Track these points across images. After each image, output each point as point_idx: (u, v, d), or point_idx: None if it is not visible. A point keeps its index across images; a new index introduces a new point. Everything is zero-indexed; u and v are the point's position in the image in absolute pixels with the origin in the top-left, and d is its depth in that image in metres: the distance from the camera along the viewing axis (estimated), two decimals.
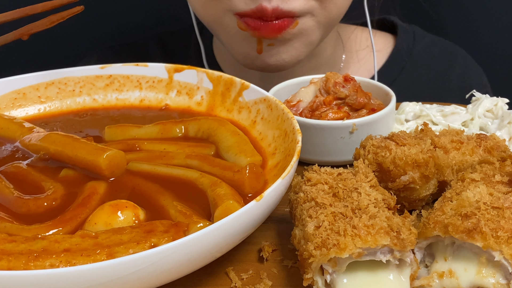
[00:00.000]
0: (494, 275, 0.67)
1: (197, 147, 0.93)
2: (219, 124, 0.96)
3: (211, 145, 0.93)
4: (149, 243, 0.67)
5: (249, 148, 0.91)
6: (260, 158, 0.89)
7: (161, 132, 0.97)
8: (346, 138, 0.97)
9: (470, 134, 0.92)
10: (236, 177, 0.82)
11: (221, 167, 0.85)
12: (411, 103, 1.11)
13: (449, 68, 1.54)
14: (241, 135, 0.94)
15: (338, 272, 0.67)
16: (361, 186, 0.73)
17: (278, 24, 1.17)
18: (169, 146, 0.93)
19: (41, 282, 0.59)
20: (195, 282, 0.74)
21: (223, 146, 0.92)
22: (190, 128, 0.98)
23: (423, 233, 0.71)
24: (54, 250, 0.66)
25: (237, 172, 0.82)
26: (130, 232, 0.69)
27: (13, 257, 0.65)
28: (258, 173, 0.83)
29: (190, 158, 0.88)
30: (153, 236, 0.68)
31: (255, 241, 0.81)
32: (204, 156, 0.89)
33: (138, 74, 1.09)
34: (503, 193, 0.71)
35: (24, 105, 1.04)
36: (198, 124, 0.98)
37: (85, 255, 0.65)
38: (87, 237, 0.68)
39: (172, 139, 0.96)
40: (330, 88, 1.02)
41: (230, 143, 0.92)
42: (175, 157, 0.89)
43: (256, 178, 0.82)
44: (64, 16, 0.96)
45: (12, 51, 1.15)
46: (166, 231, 0.69)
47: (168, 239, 0.68)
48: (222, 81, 1.04)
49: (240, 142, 0.91)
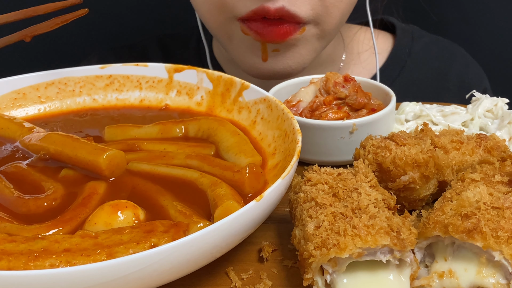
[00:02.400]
0: (494, 275, 0.67)
1: (197, 147, 0.93)
2: (219, 124, 0.96)
3: (211, 145, 0.93)
4: (149, 243, 0.67)
5: (249, 148, 0.91)
6: (260, 158, 0.89)
7: (161, 132, 0.97)
8: (346, 138, 0.97)
9: (470, 134, 0.92)
10: (236, 177, 0.82)
11: (221, 167, 0.85)
12: (411, 103, 1.11)
13: (449, 67, 1.54)
14: (241, 135, 0.94)
15: (338, 272, 0.67)
16: (361, 186, 0.73)
17: (283, 29, 1.15)
18: (169, 146, 0.93)
19: (41, 282, 0.59)
20: (195, 282, 0.74)
21: (223, 146, 0.92)
22: (190, 128, 0.98)
23: (423, 233, 0.71)
24: (54, 250, 0.66)
25: (237, 172, 0.82)
26: (130, 232, 0.69)
27: (13, 257, 0.65)
28: (258, 173, 0.83)
29: (190, 158, 0.88)
30: (153, 236, 0.68)
31: (255, 241, 0.81)
32: (204, 156, 0.89)
33: (138, 74, 1.09)
34: (503, 193, 0.71)
35: (24, 105, 1.04)
36: (198, 124, 0.98)
37: (85, 255, 0.65)
38: (87, 237, 0.68)
39: (172, 139, 0.96)
40: (330, 88, 1.02)
41: (230, 143, 0.92)
42: (175, 157, 0.89)
43: (256, 178, 0.82)
44: (68, 18, 0.96)
45: (13, 51, 1.15)
46: (166, 231, 0.69)
47: (168, 239, 0.68)
48: (222, 81, 1.04)
49: (240, 142, 0.91)
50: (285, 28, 1.15)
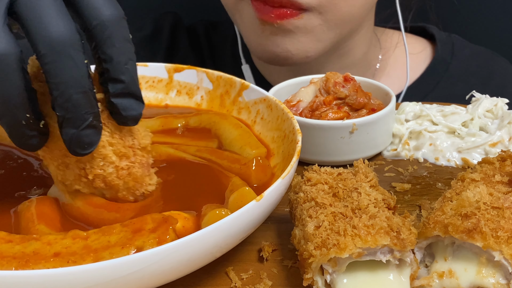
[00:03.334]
0: (494, 275, 0.67)
1: (200, 140, 0.94)
2: (221, 117, 0.97)
3: (214, 139, 0.94)
4: (134, 247, 0.66)
5: (253, 140, 0.92)
6: (265, 149, 0.90)
7: (162, 125, 0.98)
8: (346, 138, 0.97)
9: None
10: (243, 170, 0.83)
11: (229, 160, 0.87)
12: (411, 103, 1.11)
13: (486, 83, 1.48)
14: (244, 127, 0.95)
15: (338, 272, 0.67)
16: (361, 186, 0.73)
17: (279, 11, 1.16)
18: (173, 139, 0.94)
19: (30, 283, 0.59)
20: (195, 282, 0.74)
21: (226, 140, 0.93)
22: (191, 122, 0.99)
23: (423, 233, 0.71)
24: (44, 254, 0.65)
25: (244, 165, 0.84)
26: (118, 232, 0.68)
27: (5, 261, 0.64)
28: (265, 166, 0.84)
29: (200, 151, 0.90)
30: (139, 238, 0.67)
31: (255, 241, 0.81)
32: (213, 150, 0.91)
33: (138, 74, 1.08)
34: (503, 193, 0.71)
35: None
36: (199, 118, 0.99)
37: (72, 261, 0.64)
38: (78, 238, 0.68)
39: (175, 134, 0.97)
40: (330, 88, 1.02)
41: (233, 136, 0.93)
42: (186, 150, 0.90)
43: (263, 171, 0.83)
44: None
45: None
46: (154, 230, 0.68)
47: (153, 241, 0.66)
48: (222, 81, 1.04)
49: (244, 135, 0.93)
50: (282, 10, 1.16)
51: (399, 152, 1.04)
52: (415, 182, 0.96)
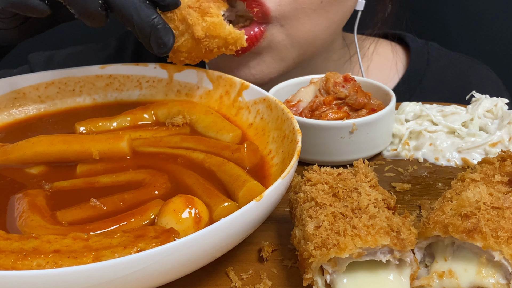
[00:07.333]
0: (494, 275, 0.67)
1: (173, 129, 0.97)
2: (190, 106, 0.99)
3: (186, 127, 0.97)
4: (136, 248, 0.66)
5: (227, 124, 0.96)
6: (240, 131, 0.95)
7: (132, 120, 1.00)
8: (346, 138, 0.97)
9: None
10: (236, 156, 0.86)
11: (218, 147, 0.90)
12: (411, 103, 1.11)
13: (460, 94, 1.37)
14: (214, 113, 0.98)
15: (338, 272, 0.67)
16: (361, 186, 0.73)
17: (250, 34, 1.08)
18: (147, 133, 0.96)
19: (25, 283, 0.59)
20: (195, 282, 0.74)
21: (200, 126, 0.96)
22: (159, 113, 1.01)
23: (423, 233, 0.71)
24: (44, 250, 0.66)
25: (236, 151, 0.87)
26: (120, 236, 0.69)
27: (4, 254, 0.65)
28: (255, 149, 0.88)
29: (186, 141, 0.92)
30: (142, 241, 0.67)
31: (255, 241, 0.81)
32: (198, 138, 0.93)
33: (138, 74, 1.09)
34: (503, 193, 0.71)
35: (24, 105, 1.04)
36: (166, 108, 1.01)
37: (72, 257, 0.65)
38: (78, 239, 0.68)
39: (147, 127, 0.99)
40: (330, 88, 1.02)
41: (207, 123, 0.96)
42: (171, 141, 0.92)
43: (254, 155, 0.88)
44: None
45: (13, 51, 1.15)
46: (156, 237, 0.69)
47: (156, 244, 0.67)
48: (222, 81, 1.04)
49: (217, 120, 0.96)
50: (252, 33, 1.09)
51: (399, 152, 1.04)
52: (415, 182, 0.96)
